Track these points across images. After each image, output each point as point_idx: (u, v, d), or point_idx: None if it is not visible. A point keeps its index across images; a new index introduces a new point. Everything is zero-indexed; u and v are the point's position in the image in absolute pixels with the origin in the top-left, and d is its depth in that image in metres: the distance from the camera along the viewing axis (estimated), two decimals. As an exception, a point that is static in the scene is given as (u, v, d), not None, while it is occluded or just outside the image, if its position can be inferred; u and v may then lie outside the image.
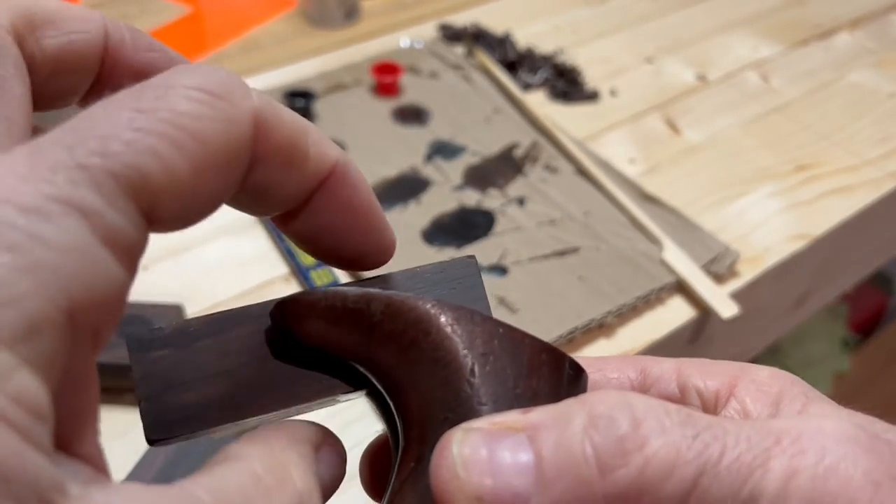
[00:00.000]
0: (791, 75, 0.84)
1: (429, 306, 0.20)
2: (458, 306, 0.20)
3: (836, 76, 0.84)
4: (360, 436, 0.47)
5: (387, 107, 0.75)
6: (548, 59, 0.83)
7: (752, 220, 0.66)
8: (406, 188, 0.65)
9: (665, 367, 0.23)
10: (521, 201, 0.65)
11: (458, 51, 0.84)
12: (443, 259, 0.60)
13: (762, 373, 0.22)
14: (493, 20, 0.90)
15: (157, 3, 0.90)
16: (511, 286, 0.57)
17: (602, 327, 0.56)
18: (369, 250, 0.22)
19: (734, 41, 0.89)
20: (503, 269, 0.58)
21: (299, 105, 0.71)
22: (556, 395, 0.19)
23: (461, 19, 0.90)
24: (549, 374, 0.20)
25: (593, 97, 0.79)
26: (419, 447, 0.19)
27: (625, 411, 0.17)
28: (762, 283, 0.62)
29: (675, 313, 0.58)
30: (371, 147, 0.70)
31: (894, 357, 1.31)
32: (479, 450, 0.17)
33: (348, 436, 0.21)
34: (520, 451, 0.17)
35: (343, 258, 0.22)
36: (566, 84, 0.80)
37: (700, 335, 0.60)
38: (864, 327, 1.26)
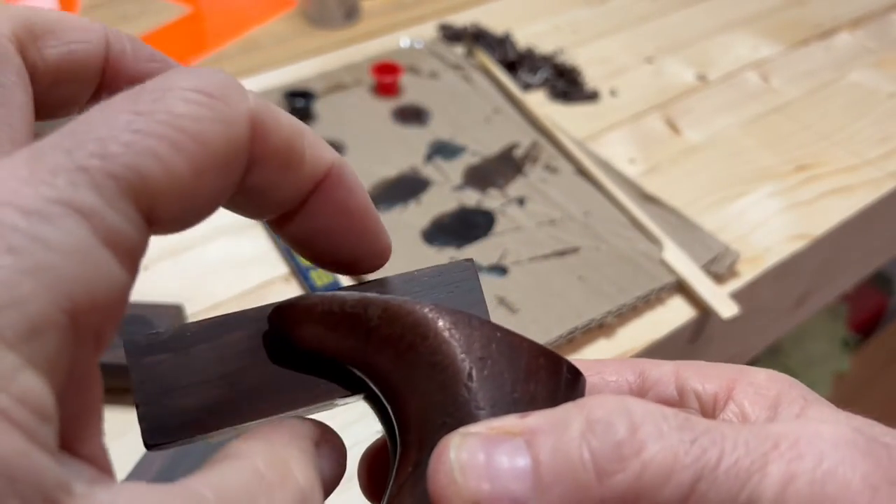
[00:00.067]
0: (791, 75, 0.84)
1: (426, 310, 0.20)
2: (455, 310, 0.20)
3: (836, 76, 0.84)
4: (360, 436, 0.47)
5: (387, 107, 0.75)
6: (548, 59, 0.83)
7: (752, 220, 0.66)
8: (406, 188, 0.65)
9: (663, 370, 0.23)
10: (521, 201, 0.65)
11: (458, 51, 0.84)
12: (442, 259, 0.60)
13: (760, 375, 0.22)
14: (493, 20, 0.90)
15: (157, 3, 0.90)
16: (511, 286, 0.57)
17: (602, 327, 0.56)
18: (365, 254, 0.22)
19: (734, 41, 0.89)
20: (503, 269, 0.58)
21: (299, 105, 0.71)
22: (553, 400, 0.19)
23: (461, 19, 0.90)
24: (546, 378, 0.20)
25: (593, 97, 0.79)
26: (417, 451, 0.19)
27: (622, 416, 0.17)
28: (762, 283, 0.62)
29: (675, 313, 0.58)
30: (371, 147, 0.70)
31: (894, 357, 1.31)
32: (477, 454, 0.17)
33: (348, 436, 0.21)
34: (517, 455, 0.17)
35: (339, 262, 0.22)
36: (566, 84, 0.80)
37: (700, 335, 0.60)
38: (864, 327, 1.26)
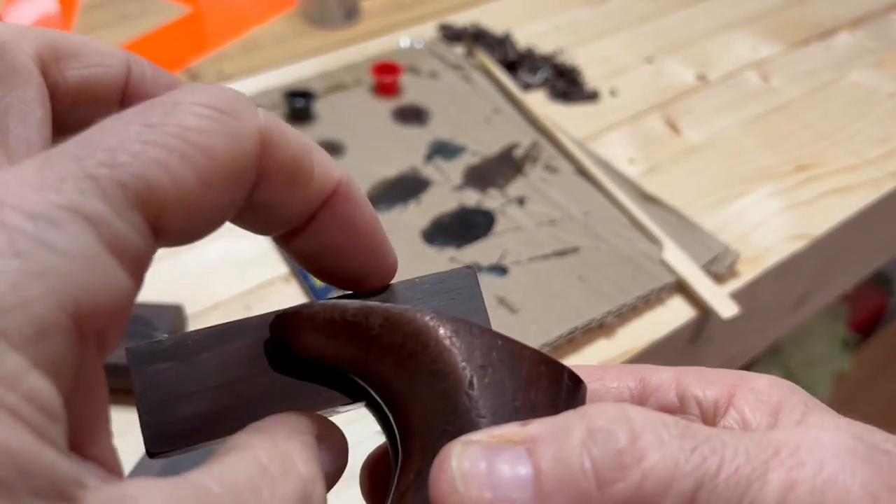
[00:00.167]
0: (791, 75, 0.84)
1: (427, 318, 0.20)
2: (456, 318, 0.20)
3: (836, 76, 0.84)
4: (360, 435, 0.47)
5: (387, 107, 0.75)
6: (548, 59, 0.83)
7: (752, 220, 0.66)
8: (406, 188, 0.65)
9: (664, 377, 0.23)
10: (521, 201, 0.65)
11: (458, 51, 0.84)
12: (442, 259, 0.60)
13: (761, 381, 0.22)
14: (493, 20, 0.90)
15: (157, 3, 0.90)
16: (511, 286, 0.57)
17: (602, 327, 0.56)
18: (371, 270, 0.22)
19: (734, 41, 0.89)
20: (503, 269, 0.59)
21: (299, 105, 0.71)
22: (554, 408, 0.19)
23: (461, 19, 0.90)
24: (547, 386, 0.20)
25: (593, 97, 0.79)
26: (418, 459, 0.19)
27: (623, 424, 0.17)
28: (762, 283, 0.62)
29: (675, 313, 0.58)
30: (371, 147, 0.70)
31: (894, 357, 1.31)
32: (478, 463, 0.17)
33: (348, 435, 0.21)
34: (518, 464, 0.17)
35: (344, 278, 0.22)
36: (566, 84, 0.80)
37: (700, 335, 0.60)
38: (864, 327, 1.26)
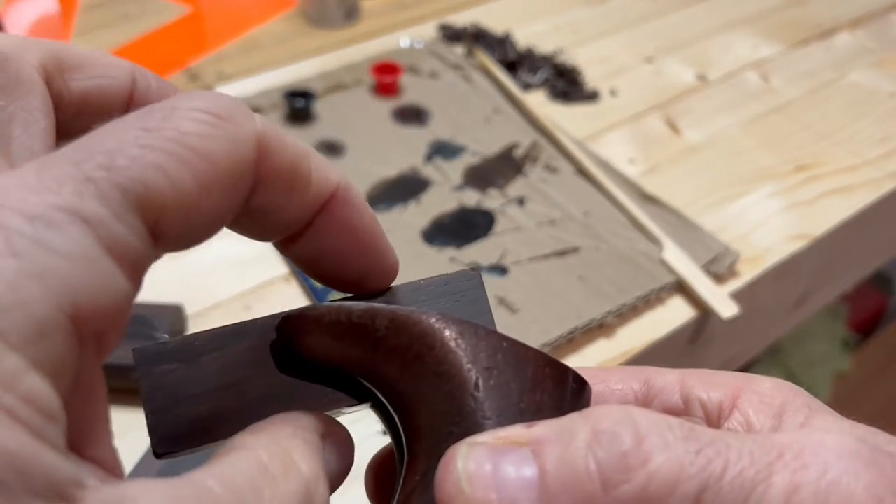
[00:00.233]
0: (791, 75, 0.84)
1: (433, 320, 0.20)
2: (462, 320, 0.20)
3: (836, 76, 0.84)
4: (361, 435, 0.47)
5: (387, 107, 0.75)
6: (548, 59, 0.83)
7: (752, 220, 0.66)
8: (406, 188, 0.65)
9: (668, 379, 0.23)
10: (521, 201, 0.65)
11: (458, 51, 0.84)
12: (442, 259, 0.60)
13: (765, 384, 0.22)
14: (493, 20, 0.90)
15: (157, 3, 0.90)
16: (511, 286, 0.57)
17: (602, 327, 0.56)
18: (372, 272, 0.22)
19: (734, 41, 0.89)
20: (503, 269, 0.59)
21: (299, 105, 0.71)
22: (559, 409, 0.19)
23: (461, 19, 0.90)
24: (552, 388, 0.20)
25: (593, 97, 0.79)
26: (424, 461, 0.19)
27: (628, 426, 0.17)
28: (762, 283, 0.62)
29: (675, 313, 0.58)
30: (371, 147, 0.70)
31: (894, 357, 1.31)
32: (484, 464, 0.17)
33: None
34: (524, 465, 0.17)
35: (346, 281, 0.23)
36: (566, 84, 0.80)
37: (700, 335, 0.60)
38: (864, 327, 1.26)
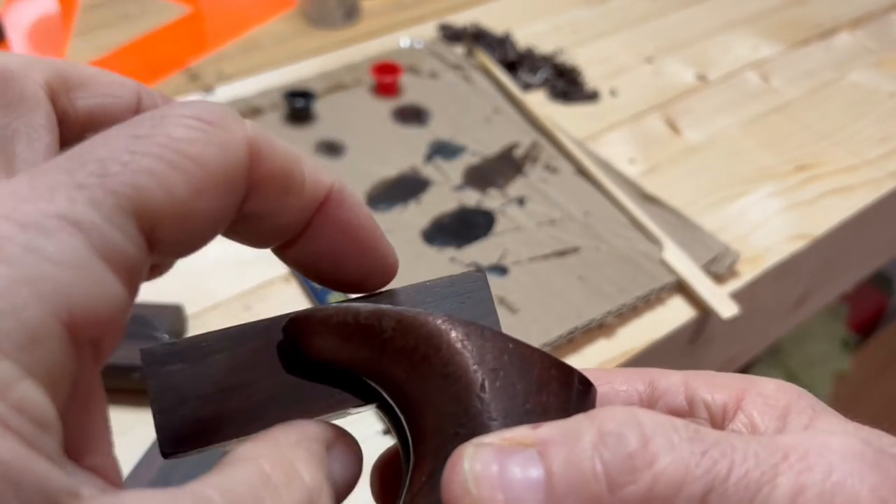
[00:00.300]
0: (791, 75, 0.84)
1: (439, 322, 0.20)
2: (468, 322, 0.20)
3: (836, 76, 0.84)
4: (362, 435, 0.47)
5: (387, 107, 0.75)
6: (548, 59, 0.83)
7: (752, 220, 0.66)
8: (406, 188, 0.65)
9: (672, 380, 0.24)
10: (521, 201, 0.65)
11: (458, 51, 0.84)
12: (442, 259, 0.60)
13: (769, 386, 0.22)
14: (493, 20, 0.90)
15: (157, 3, 0.90)
16: (511, 286, 0.57)
17: (602, 327, 0.56)
18: (372, 271, 0.22)
19: (734, 41, 0.89)
20: (503, 269, 0.59)
21: (299, 105, 0.71)
22: (565, 411, 0.20)
23: (461, 19, 0.90)
24: (558, 390, 0.20)
25: (593, 97, 0.79)
26: (431, 461, 0.19)
27: (634, 428, 0.17)
28: (762, 283, 0.62)
29: (675, 313, 0.58)
30: (371, 147, 0.70)
31: (894, 357, 1.31)
32: (491, 465, 0.17)
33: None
34: (530, 466, 0.17)
35: (347, 282, 0.23)
36: (566, 84, 0.80)
37: (700, 335, 0.60)
38: (864, 327, 1.26)
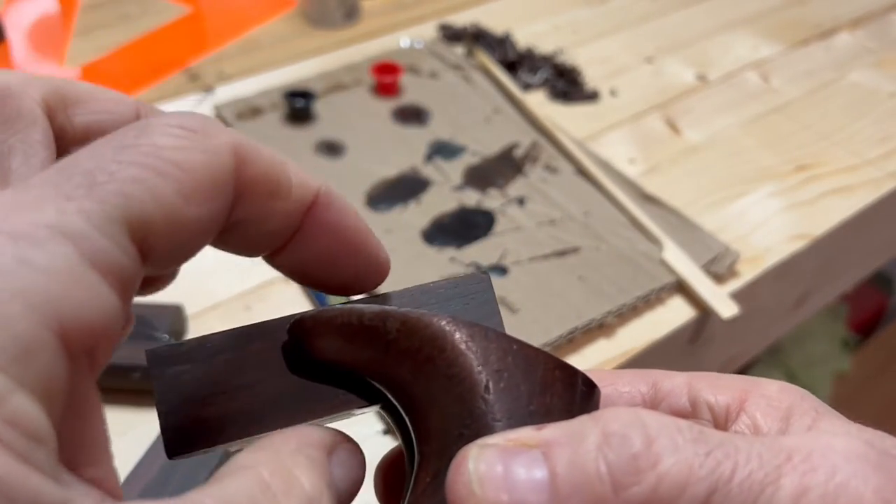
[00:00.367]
0: (791, 75, 0.84)
1: (444, 323, 0.20)
2: (472, 323, 0.20)
3: (836, 76, 0.84)
4: (362, 434, 0.47)
5: (387, 107, 0.75)
6: (548, 59, 0.83)
7: (752, 220, 0.66)
8: (406, 188, 0.65)
9: (676, 382, 0.24)
10: (521, 201, 0.65)
11: (458, 51, 0.84)
12: (442, 259, 0.60)
13: (772, 387, 0.22)
14: (493, 20, 0.90)
15: (158, 3, 0.90)
16: (511, 286, 0.57)
17: (602, 327, 0.56)
18: (364, 271, 0.22)
19: (734, 41, 0.89)
20: (503, 269, 0.59)
21: (299, 105, 0.71)
22: (569, 412, 0.20)
23: (461, 19, 0.90)
24: (562, 391, 0.20)
25: (593, 97, 0.79)
26: (435, 462, 0.19)
27: (638, 429, 0.17)
28: (762, 283, 0.62)
29: (675, 313, 0.58)
30: (371, 147, 0.70)
31: (894, 357, 1.31)
32: (495, 466, 0.17)
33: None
34: (535, 467, 0.17)
35: (339, 284, 0.23)
36: (566, 84, 0.80)
37: (700, 335, 0.60)
38: (864, 327, 1.26)
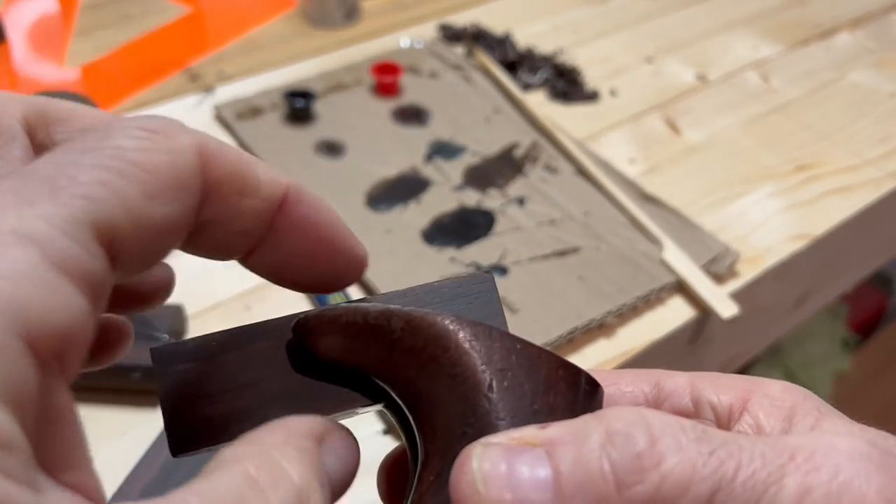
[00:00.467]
0: (791, 75, 0.84)
1: (447, 322, 0.20)
2: (476, 322, 0.20)
3: (836, 76, 0.84)
4: (363, 434, 0.47)
5: (387, 107, 0.75)
6: (548, 59, 0.83)
7: (752, 220, 0.66)
8: (406, 188, 0.65)
9: (678, 381, 0.24)
10: (521, 201, 0.65)
11: (458, 51, 0.84)
12: (442, 259, 0.60)
13: (775, 387, 0.22)
14: (493, 20, 0.90)
15: (158, 3, 0.90)
16: (511, 286, 0.57)
17: (602, 327, 0.56)
18: (342, 267, 0.22)
19: (734, 41, 0.89)
20: (503, 269, 0.59)
21: (299, 105, 0.71)
22: (572, 411, 0.20)
23: (461, 19, 0.90)
24: (565, 390, 0.20)
25: (593, 97, 0.79)
26: (439, 461, 0.19)
27: (641, 428, 0.17)
28: (762, 283, 0.62)
29: (675, 313, 0.58)
30: (371, 147, 0.70)
31: (894, 357, 1.31)
32: (499, 465, 0.17)
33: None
34: (538, 466, 0.17)
35: (317, 282, 0.22)
36: (566, 84, 0.80)
37: (700, 335, 0.60)
38: (864, 327, 1.26)
